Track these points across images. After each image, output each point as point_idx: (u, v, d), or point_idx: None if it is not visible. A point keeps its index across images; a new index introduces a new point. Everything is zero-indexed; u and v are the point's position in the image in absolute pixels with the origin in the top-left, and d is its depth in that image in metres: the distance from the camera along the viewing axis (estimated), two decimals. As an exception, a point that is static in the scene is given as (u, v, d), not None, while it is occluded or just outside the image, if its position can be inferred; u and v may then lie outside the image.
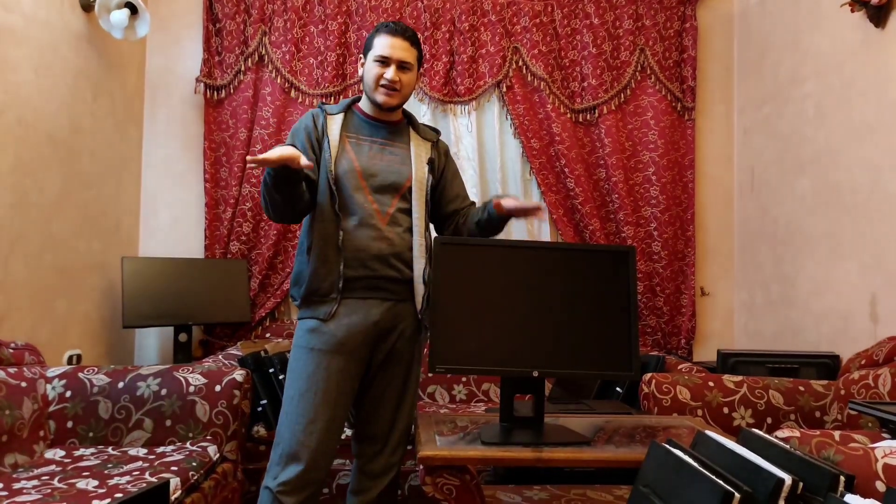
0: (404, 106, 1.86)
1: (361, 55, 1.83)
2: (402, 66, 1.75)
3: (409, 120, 1.91)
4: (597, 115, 3.18)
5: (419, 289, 1.76)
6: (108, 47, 2.82)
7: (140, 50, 3.14)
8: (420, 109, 3.18)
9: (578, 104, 3.20)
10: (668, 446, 1.14)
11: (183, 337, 2.87)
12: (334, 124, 1.79)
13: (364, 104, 1.84)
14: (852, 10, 2.32)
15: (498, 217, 1.79)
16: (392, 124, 1.85)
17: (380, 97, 1.76)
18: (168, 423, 2.00)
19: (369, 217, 1.72)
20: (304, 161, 1.55)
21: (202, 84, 3.11)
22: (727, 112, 3.32)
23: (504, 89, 3.17)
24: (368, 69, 1.78)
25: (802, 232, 2.70)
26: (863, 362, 2.01)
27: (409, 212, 1.78)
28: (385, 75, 1.74)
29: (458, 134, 3.19)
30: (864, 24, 2.32)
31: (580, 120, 3.20)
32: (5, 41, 2.19)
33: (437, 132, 1.94)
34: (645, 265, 3.18)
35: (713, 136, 3.31)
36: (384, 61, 1.75)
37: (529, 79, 3.17)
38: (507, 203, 1.74)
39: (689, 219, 3.22)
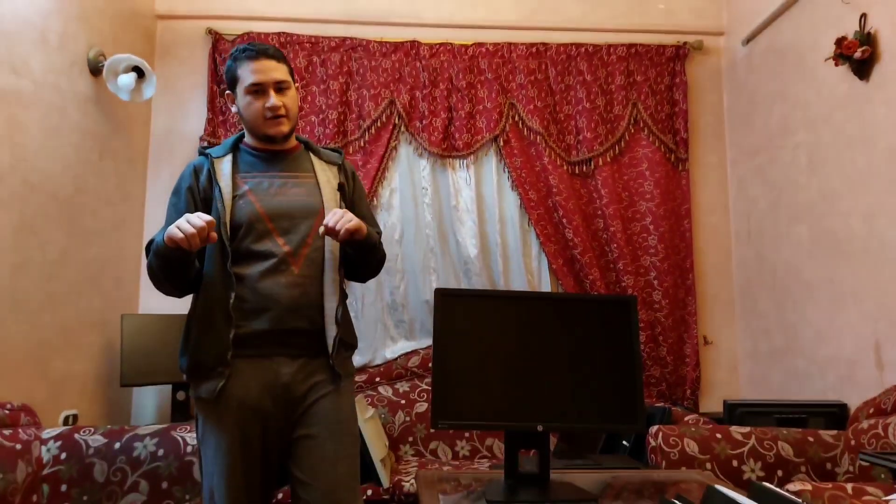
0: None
1: (228, 91, 1.65)
2: (279, 87, 1.59)
3: (307, 145, 1.71)
4: (592, 166, 3.24)
5: (330, 331, 1.56)
6: (114, 109, 2.90)
7: (146, 110, 3.22)
8: (419, 164, 3.23)
9: (574, 156, 3.26)
10: (677, 503, 1.11)
11: (181, 395, 2.83)
12: (223, 168, 1.59)
13: (251, 140, 1.67)
14: (836, 65, 2.39)
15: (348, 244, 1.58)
16: (289, 153, 1.67)
17: (270, 129, 1.60)
18: (164, 484, 1.95)
19: (281, 262, 1.54)
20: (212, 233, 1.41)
21: (206, 143, 3.17)
22: (720, 162, 3.38)
23: (501, 143, 3.23)
24: (245, 105, 1.60)
25: (802, 279, 2.70)
26: (871, 411, 1.98)
27: (323, 248, 1.59)
28: (266, 104, 1.58)
29: (458, 187, 3.24)
30: (849, 77, 2.39)
31: (576, 172, 3.25)
32: (14, 104, 2.25)
33: (340, 152, 1.75)
34: (646, 314, 3.17)
35: (708, 186, 3.36)
36: (259, 89, 1.58)
37: (526, 133, 3.24)
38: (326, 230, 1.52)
39: (689, 267, 3.23)
